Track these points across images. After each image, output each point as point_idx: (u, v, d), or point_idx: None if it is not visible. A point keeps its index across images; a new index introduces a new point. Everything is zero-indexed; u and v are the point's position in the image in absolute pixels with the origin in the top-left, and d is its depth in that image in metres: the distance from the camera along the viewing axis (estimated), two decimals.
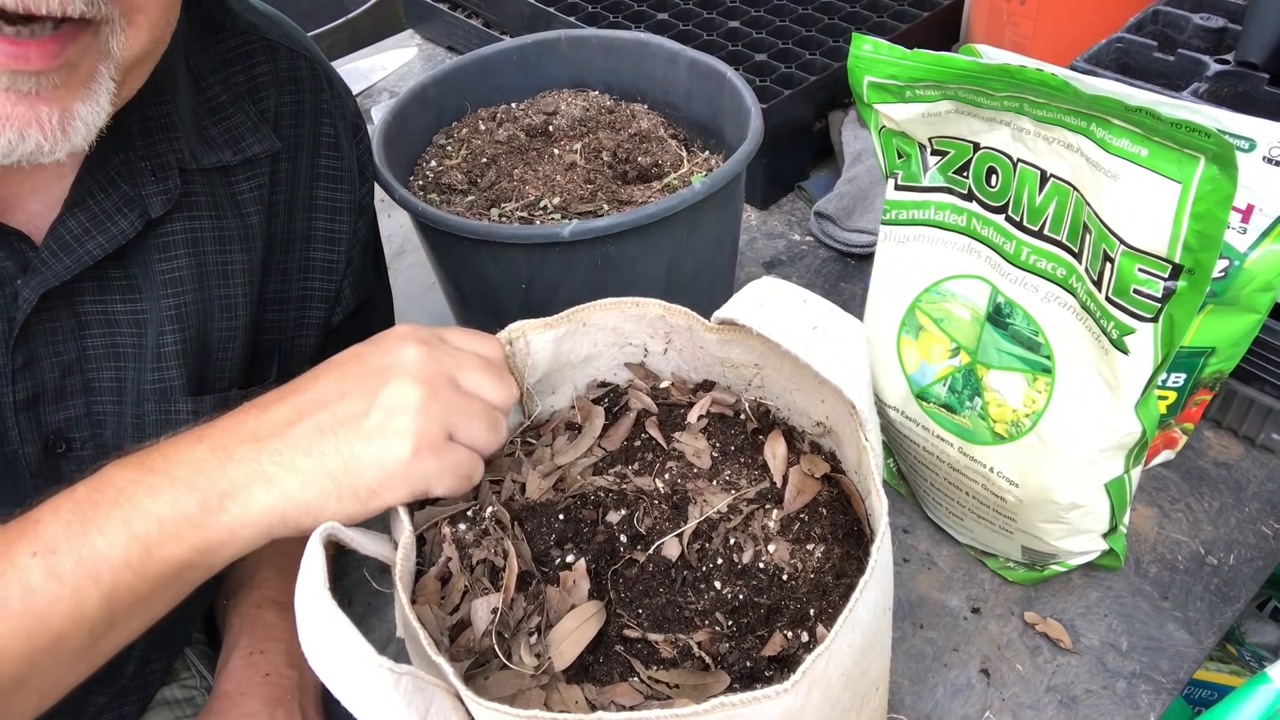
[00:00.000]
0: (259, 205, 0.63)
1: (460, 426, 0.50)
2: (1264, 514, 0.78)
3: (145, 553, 0.44)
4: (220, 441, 0.47)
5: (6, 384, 0.54)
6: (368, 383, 0.49)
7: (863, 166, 1.10)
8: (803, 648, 0.49)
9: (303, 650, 0.41)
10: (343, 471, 0.46)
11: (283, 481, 0.46)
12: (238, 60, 0.63)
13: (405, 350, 0.50)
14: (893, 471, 0.81)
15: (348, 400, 0.48)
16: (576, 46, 0.93)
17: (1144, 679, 0.68)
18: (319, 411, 0.48)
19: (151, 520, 0.45)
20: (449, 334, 0.54)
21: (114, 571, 0.44)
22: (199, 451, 0.46)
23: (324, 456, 0.46)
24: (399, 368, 0.49)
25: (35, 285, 0.53)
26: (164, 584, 0.46)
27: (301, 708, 0.65)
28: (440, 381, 0.49)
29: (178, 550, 0.45)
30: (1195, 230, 0.50)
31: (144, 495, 0.45)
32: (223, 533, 0.46)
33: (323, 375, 0.50)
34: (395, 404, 0.48)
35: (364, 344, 0.52)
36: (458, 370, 0.51)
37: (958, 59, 0.58)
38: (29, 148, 0.45)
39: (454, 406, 0.49)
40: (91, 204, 0.54)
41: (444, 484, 0.50)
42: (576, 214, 0.80)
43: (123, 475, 0.46)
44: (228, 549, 0.47)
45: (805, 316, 0.51)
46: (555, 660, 0.49)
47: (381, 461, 0.47)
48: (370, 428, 0.47)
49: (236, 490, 0.46)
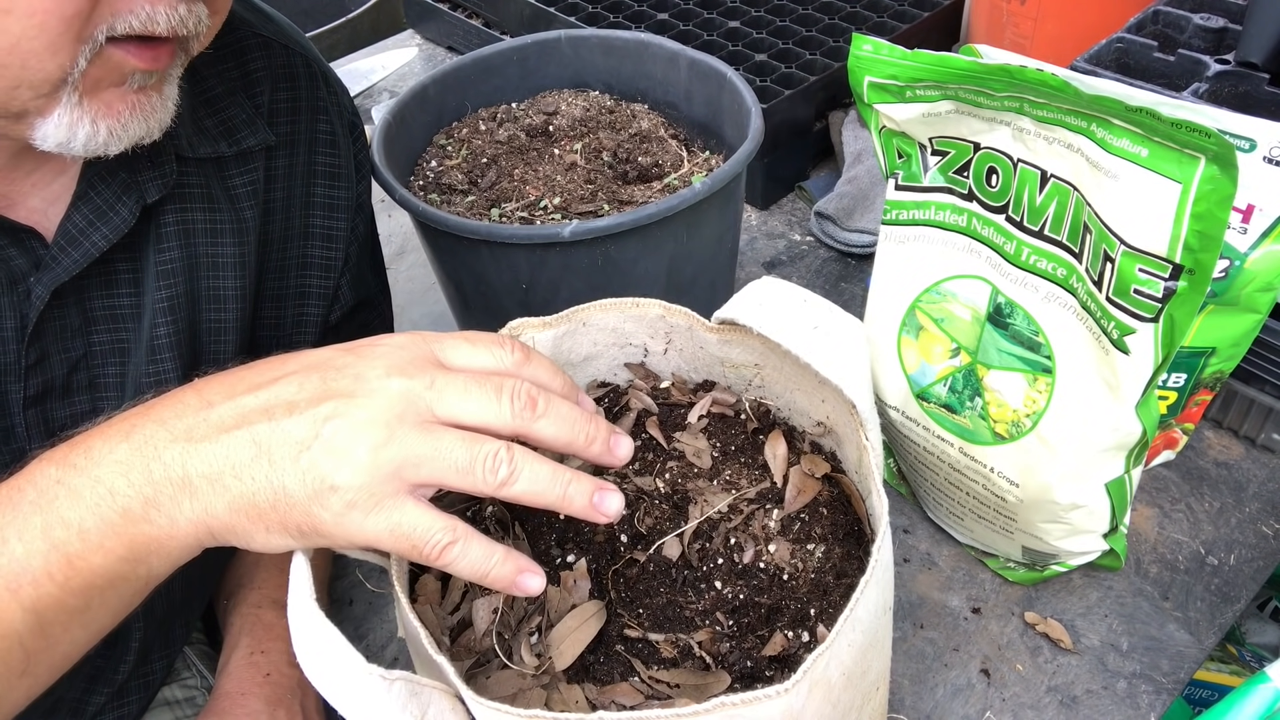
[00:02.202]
0: (253, 200, 0.64)
1: (422, 471, 0.42)
2: (1264, 514, 0.78)
3: (67, 564, 0.41)
4: (150, 437, 0.42)
5: (18, 381, 0.54)
6: (323, 403, 0.42)
7: (863, 166, 1.10)
8: (803, 647, 0.49)
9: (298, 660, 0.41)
10: (270, 506, 0.41)
11: (209, 499, 0.42)
12: (232, 55, 0.64)
13: (379, 382, 0.43)
14: (893, 471, 0.81)
15: (295, 418, 0.42)
16: (577, 46, 0.93)
17: (1144, 679, 0.68)
18: (260, 423, 0.42)
19: (72, 530, 0.41)
20: (454, 350, 0.46)
21: (35, 584, 0.40)
22: (124, 450, 0.42)
23: (253, 482, 0.41)
24: (362, 396, 0.42)
25: (47, 281, 0.53)
26: (95, 594, 0.42)
27: (302, 707, 0.65)
28: (407, 423, 0.42)
29: (103, 561, 0.41)
30: (1196, 230, 0.51)
31: (65, 499, 0.41)
32: (149, 541, 0.42)
33: (282, 377, 0.44)
34: (339, 444, 0.41)
35: (347, 349, 0.46)
36: (437, 404, 0.43)
37: (958, 59, 0.58)
38: (143, 130, 0.50)
39: (413, 451, 0.42)
40: (94, 195, 0.54)
41: (384, 543, 0.42)
42: (577, 214, 0.80)
43: (45, 473, 0.42)
44: (159, 559, 0.43)
45: (805, 316, 0.51)
46: (556, 660, 0.49)
47: (310, 509, 0.41)
48: (305, 465, 0.41)
49: (161, 499, 0.42)
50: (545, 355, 0.48)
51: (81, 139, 0.48)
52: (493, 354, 0.46)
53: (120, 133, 0.49)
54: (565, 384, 0.48)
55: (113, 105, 0.48)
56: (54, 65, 0.44)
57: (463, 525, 0.43)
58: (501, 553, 0.43)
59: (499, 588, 0.44)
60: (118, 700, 0.65)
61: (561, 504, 0.44)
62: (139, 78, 0.48)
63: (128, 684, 0.65)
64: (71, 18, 0.43)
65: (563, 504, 0.44)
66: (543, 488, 0.43)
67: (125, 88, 0.48)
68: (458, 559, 0.42)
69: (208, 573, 0.72)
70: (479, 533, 0.43)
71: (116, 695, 0.65)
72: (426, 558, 0.42)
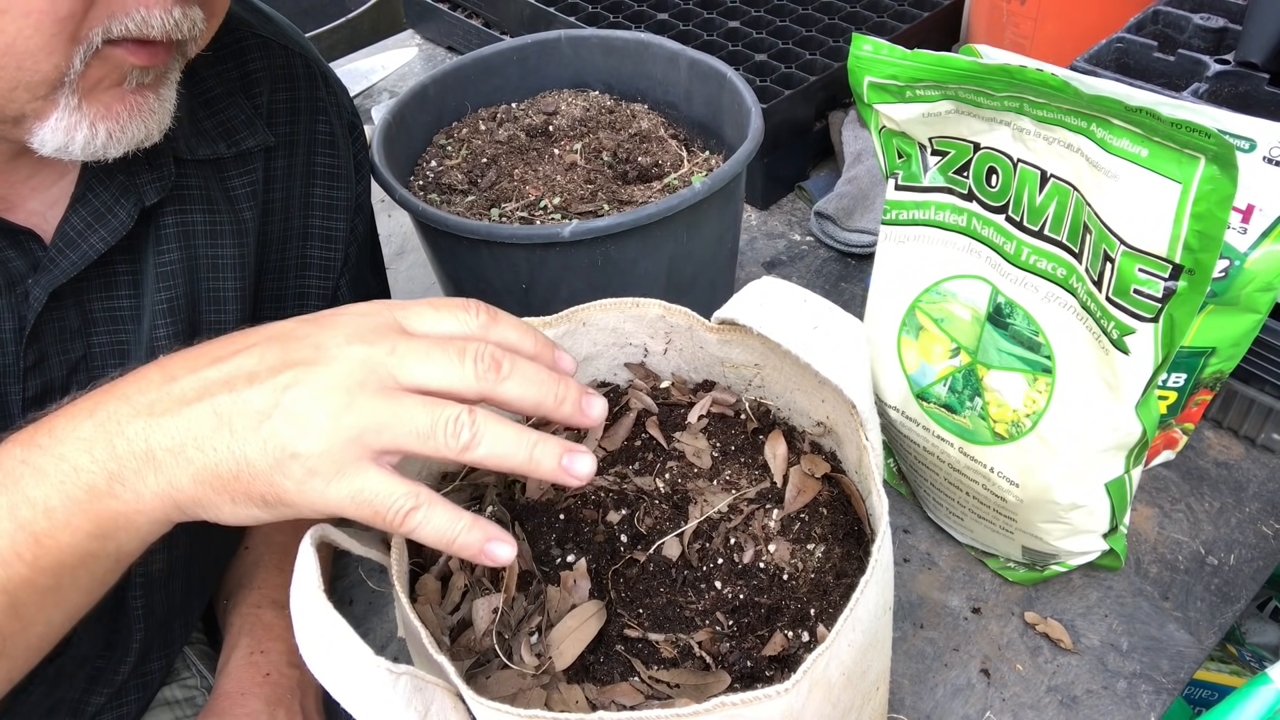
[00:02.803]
0: (252, 201, 0.63)
1: (384, 437, 0.41)
2: (1264, 514, 0.78)
3: (35, 542, 0.41)
4: (114, 413, 0.42)
5: (17, 382, 0.54)
6: (282, 372, 0.42)
7: (863, 166, 1.10)
8: (803, 647, 0.49)
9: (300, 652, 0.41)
10: (233, 476, 0.41)
11: (173, 471, 0.41)
12: (231, 56, 0.63)
13: (340, 349, 0.42)
14: (893, 471, 0.81)
15: (256, 388, 0.42)
16: (577, 46, 0.93)
17: (1144, 679, 0.68)
18: (221, 394, 0.42)
19: (38, 509, 0.41)
20: (418, 317, 0.45)
21: (5, 565, 0.41)
22: (87, 427, 0.42)
23: (215, 453, 0.41)
24: (322, 364, 0.42)
25: (45, 283, 0.53)
26: (65, 573, 0.42)
27: (302, 707, 0.65)
28: (368, 389, 0.41)
29: (71, 538, 0.41)
30: (1195, 230, 0.51)
31: (29, 478, 0.41)
32: (115, 517, 0.42)
33: (244, 349, 0.44)
34: (299, 412, 0.41)
35: (309, 320, 0.45)
36: (399, 370, 0.42)
37: (958, 59, 0.58)
38: (143, 133, 0.50)
39: (373, 417, 0.41)
40: (92, 198, 0.54)
41: (346, 510, 0.41)
42: (577, 214, 0.80)
43: (10, 454, 0.42)
44: (127, 534, 0.43)
45: (805, 316, 0.51)
46: (556, 660, 0.49)
47: (272, 478, 0.41)
48: (266, 434, 0.41)
49: (125, 474, 0.41)
50: (514, 316, 0.47)
51: (80, 142, 0.48)
52: (457, 318, 0.45)
53: (119, 135, 0.49)
54: (537, 342, 0.47)
55: (111, 107, 0.48)
56: (49, 66, 0.45)
57: (426, 491, 0.42)
58: (469, 519, 0.42)
59: (467, 555, 0.43)
60: (117, 700, 0.65)
61: (528, 467, 0.43)
62: (137, 75, 0.48)
63: (127, 684, 0.65)
64: (65, 19, 0.44)
65: (529, 467, 0.43)
66: (508, 449, 0.42)
67: (124, 88, 0.49)
68: (421, 524, 0.42)
69: (208, 573, 0.72)
70: (444, 499, 0.42)
71: (116, 695, 0.65)
72: (390, 524, 0.41)
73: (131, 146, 0.50)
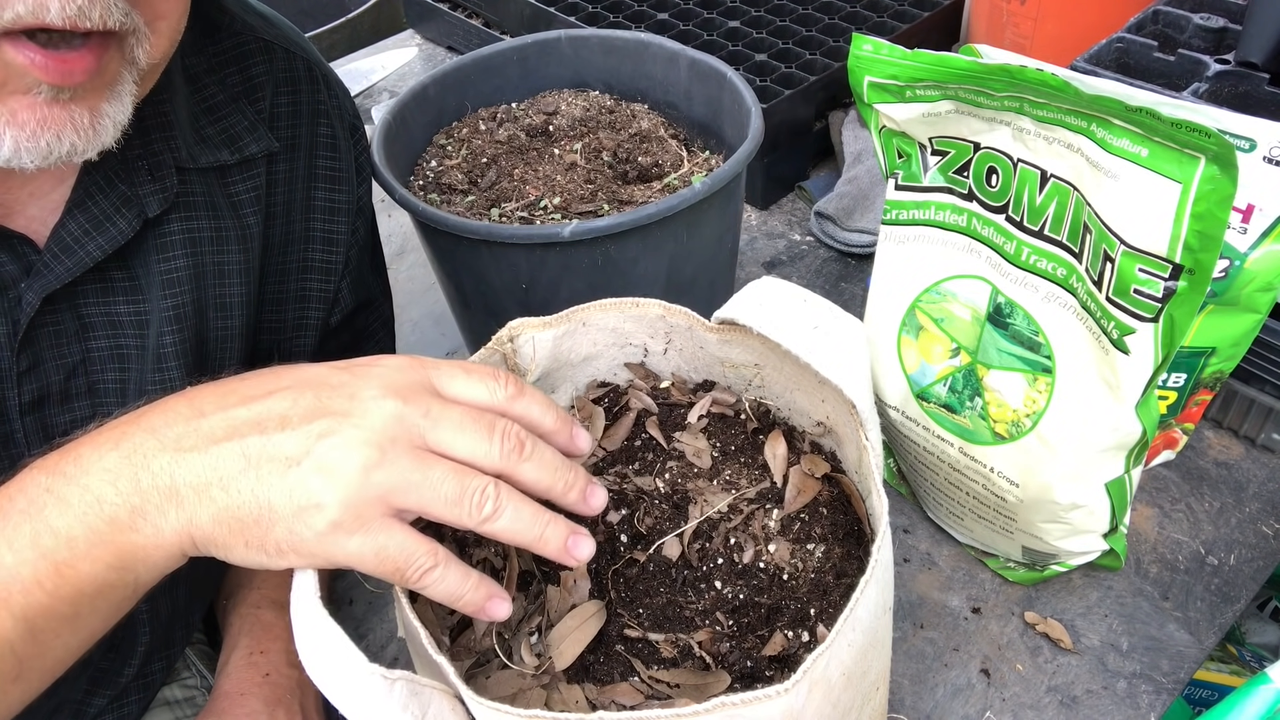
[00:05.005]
0: (256, 207, 0.63)
1: (410, 497, 0.42)
2: (1264, 514, 0.78)
3: (56, 572, 0.41)
4: (140, 445, 0.42)
5: (12, 386, 0.54)
6: (315, 421, 0.42)
7: (863, 166, 1.10)
8: (803, 647, 0.49)
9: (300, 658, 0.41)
10: (254, 520, 0.41)
11: (195, 509, 0.42)
12: (233, 61, 0.63)
13: (374, 403, 0.43)
14: (893, 471, 0.81)
15: (288, 433, 0.42)
16: (577, 46, 0.93)
17: (1144, 679, 0.68)
18: (251, 435, 0.42)
19: (60, 539, 0.41)
20: (450, 379, 0.47)
21: (25, 592, 0.41)
22: (113, 458, 0.42)
23: (239, 495, 0.41)
24: (357, 416, 0.42)
25: (38, 288, 0.53)
26: (84, 602, 0.42)
27: (302, 707, 0.65)
28: (399, 447, 0.42)
29: (91, 569, 0.42)
30: (1195, 230, 0.51)
31: (53, 507, 0.41)
32: (135, 550, 0.42)
33: (276, 391, 0.44)
34: (330, 462, 0.41)
35: (343, 367, 0.46)
36: (430, 433, 0.44)
37: (958, 59, 0.58)
38: (65, 149, 0.46)
39: (404, 477, 0.42)
40: (90, 205, 0.54)
41: (366, 564, 0.42)
42: (577, 214, 0.80)
43: (35, 481, 0.42)
44: (145, 566, 0.43)
45: (805, 316, 0.51)
46: (556, 660, 0.49)
47: (293, 526, 0.41)
48: (294, 481, 0.41)
49: (148, 508, 0.42)
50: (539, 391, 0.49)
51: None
52: (487, 387, 0.47)
53: (29, 146, 0.45)
54: (557, 418, 0.49)
55: (17, 114, 0.44)
56: None
57: (443, 550, 0.43)
58: (476, 578, 0.44)
59: (468, 612, 0.45)
60: (119, 702, 0.65)
61: (537, 544, 0.45)
62: (47, 90, 0.44)
63: (129, 686, 0.65)
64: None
65: (538, 544, 0.45)
66: (523, 527, 0.44)
67: (31, 97, 0.44)
68: (436, 582, 0.43)
69: (212, 576, 0.72)
70: (457, 558, 0.44)
71: (118, 697, 0.65)
72: (406, 580, 0.43)
73: (56, 162, 0.46)
